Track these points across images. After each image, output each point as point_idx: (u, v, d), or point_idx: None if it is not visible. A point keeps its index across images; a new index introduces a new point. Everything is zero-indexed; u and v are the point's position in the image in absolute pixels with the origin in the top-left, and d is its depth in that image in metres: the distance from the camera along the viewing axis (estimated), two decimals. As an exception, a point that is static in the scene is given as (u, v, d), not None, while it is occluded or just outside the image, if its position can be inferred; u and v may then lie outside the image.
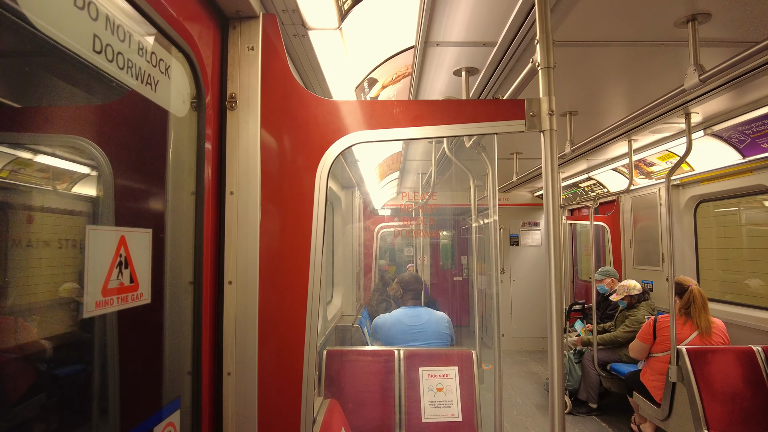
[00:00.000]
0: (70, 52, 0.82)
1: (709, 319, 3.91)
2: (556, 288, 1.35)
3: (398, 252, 8.07)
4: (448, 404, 3.00)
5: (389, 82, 2.67)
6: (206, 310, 1.33)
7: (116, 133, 1.03)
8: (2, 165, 0.81)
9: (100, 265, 0.91)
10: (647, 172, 5.29)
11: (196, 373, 1.30)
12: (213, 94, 1.37)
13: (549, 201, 1.38)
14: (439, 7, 1.97)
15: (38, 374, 0.89)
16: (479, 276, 3.36)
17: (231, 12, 1.42)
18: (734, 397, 3.35)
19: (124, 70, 0.96)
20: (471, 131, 1.43)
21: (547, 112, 1.37)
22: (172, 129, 1.22)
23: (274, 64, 1.48)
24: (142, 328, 1.14)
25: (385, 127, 1.44)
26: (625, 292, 5.21)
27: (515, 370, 7.01)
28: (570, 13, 2.00)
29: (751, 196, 4.55)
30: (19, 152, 0.84)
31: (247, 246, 1.40)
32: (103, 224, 1.03)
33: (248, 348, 1.40)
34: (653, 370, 4.10)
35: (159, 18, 1.07)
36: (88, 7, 0.84)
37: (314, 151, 1.46)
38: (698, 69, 2.14)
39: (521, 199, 8.46)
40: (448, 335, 3.55)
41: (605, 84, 2.99)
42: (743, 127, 3.63)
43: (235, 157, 1.42)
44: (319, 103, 1.48)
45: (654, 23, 2.13)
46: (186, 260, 1.27)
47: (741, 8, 2.00)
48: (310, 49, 1.89)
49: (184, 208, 1.28)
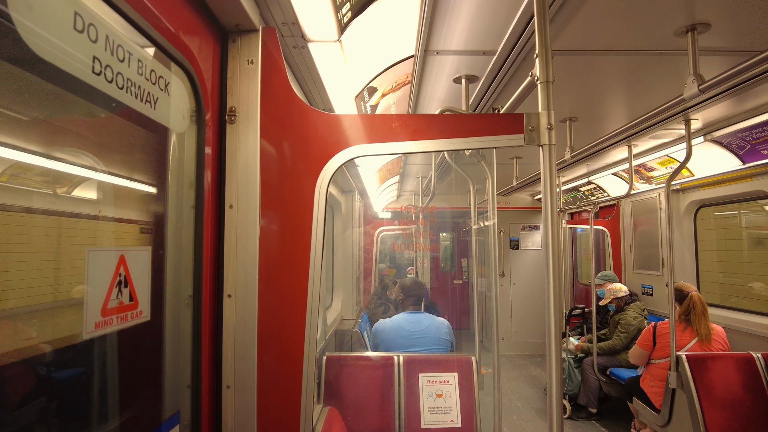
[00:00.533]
0: (69, 73, 0.82)
1: (709, 325, 3.91)
2: (555, 298, 1.36)
3: (398, 256, 8.06)
4: (448, 410, 3.00)
5: (389, 90, 2.68)
6: (206, 323, 1.33)
7: (116, 152, 1.03)
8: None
9: (100, 286, 0.91)
10: (647, 177, 5.30)
11: (195, 387, 1.30)
12: (212, 108, 1.38)
13: (548, 211, 1.38)
14: (439, 17, 1.97)
15: (38, 387, 0.89)
16: (479, 279, 3.36)
17: (230, 26, 1.42)
18: (734, 404, 3.35)
19: (124, 90, 0.96)
20: (470, 145, 1.44)
21: (546, 126, 1.37)
22: (172, 145, 1.23)
23: (274, 78, 1.48)
24: (141, 344, 1.15)
25: (385, 141, 1.45)
26: (612, 295, 5.28)
27: (515, 374, 7.01)
28: (570, 22, 2.01)
29: (751, 201, 4.56)
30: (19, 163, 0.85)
31: (246, 259, 1.40)
32: (102, 239, 1.03)
33: (248, 361, 1.40)
34: (653, 376, 4.10)
35: (158, 35, 1.07)
36: (87, 30, 0.84)
37: (314, 165, 1.46)
38: (698, 79, 2.14)
39: (521, 202, 8.46)
40: (449, 341, 3.55)
41: (605, 91, 3.00)
42: (743, 134, 3.63)
43: (235, 170, 1.42)
44: (318, 116, 1.49)
45: (654, 33, 2.13)
46: (185, 275, 1.27)
47: (740, 18, 2.00)
48: (310, 61, 1.90)
49: (183, 222, 1.28)
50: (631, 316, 5.12)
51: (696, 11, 1.94)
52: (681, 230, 5.21)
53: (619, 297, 5.27)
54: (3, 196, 0.84)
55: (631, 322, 5.08)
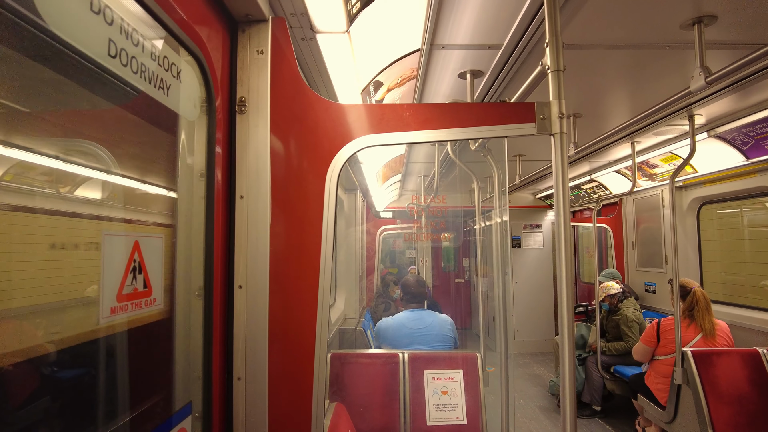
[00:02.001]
0: (86, 55, 0.82)
1: (713, 321, 3.90)
2: (568, 289, 1.35)
3: (400, 254, 8.04)
4: (453, 407, 2.99)
5: (394, 85, 2.67)
6: (216, 314, 1.32)
7: (128, 137, 1.02)
8: (5, 169, 0.80)
9: (116, 271, 0.90)
10: (650, 174, 5.29)
11: (206, 378, 1.29)
12: (222, 98, 1.37)
13: (560, 202, 1.38)
14: (445, 10, 1.97)
15: (49, 379, 0.88)
16: (482, 278, 3.36)
17: (240, 16, 1.42)
18: (740, 400, 3.34)
19: (138, 74, 0.95)
20: (481, 134, 1.43)
21: (558, 115, 1.37)
22: (183, 133, 1.22)
23: (283, 68, 1.47)
24: (153, 333, 1.14)
25: (395, 131, 1.44)
26: (604, 292, 5.28)
27: (518, 373, 7.00)
28: (575, 16, 2.00)
29: (755, 198, 4.55)
30: (28, 155, 0.84)
31: (257, 250, 1.39)
32: (114, 229, 1.03)
33: (258, 352, 1.39)
34: (658, 373, 4.09)
35: (170, 21, 1.06)
36: (103, 12, 0.84)
37: (324, 155, 1.46)
38: (705, 71, 2.14)
39: (523, 201, 8.45)
40: (452, 338, 3.54)
41: (609, 86, 2.99)
42: (747, 129, 3.63)
43: (245, 160, 1.41)
44: (328, 106, 1.48)
45: (659, 26, 2.13)
46: (197, 265, 1.27)
47: (747, 10, 2.00)
48: (318, 53, 1.89)
49: (194, 212, 1.27)
50: (629, 312, 5.13)
51: (703, 3, 1.94)
52: (684, 227, 5.21)
53: (612, 294, 5.27)
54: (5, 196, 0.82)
55: (630, 317, 5.10)
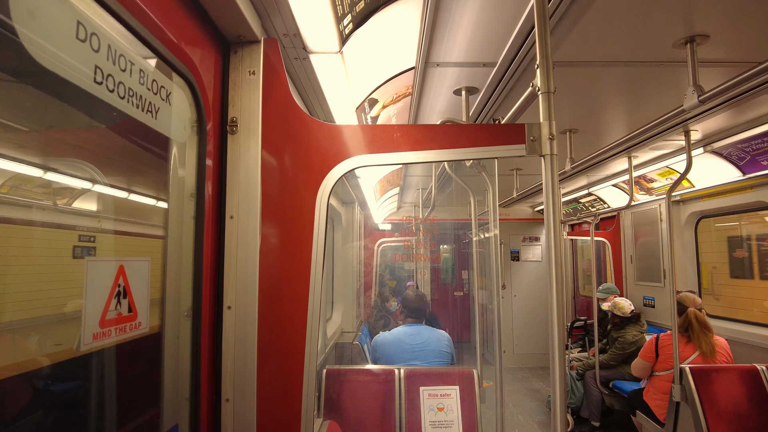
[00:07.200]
0: (71, 83, 0.82)
1: (711, 341, 3.83)
2: (558, 309, 1.34)
3: (398, 268, 8.01)
4: (449, 424, 2.96)
5: (389, 102, 2.68)
6: (205, 335, 1.32)
7: (117, 161, 1.02)
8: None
9: (98, 297, 0.90)
10: (648, 188, 5.30)
11: (194, 400, 1.28)
12: (214, 119, 1.37)
13: (550, 223, 1.37)
14: (439, 29, 1.99)
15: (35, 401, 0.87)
16: (480, 291, 3.34)
17: (232, 37, 1.43)
18: (739, 417, 3.30)
19: (125, 100, 0.96)
20: (471, 155, 1.43)
21: (548, 136, 1.37)
22: (173, 154, 1.22)
23: (276, 89, 1.48)
24: (140, 356, 1.13)
25: (386, 152, 1.44)
26: (612, 306, 5.18)
27: (517, 387, 6.94)
28: (569, 34, 2.02)
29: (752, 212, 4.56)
30: (20, 172, 0.84)
31: (246, 271, 1.39)
32: (101, 250, 1.02)
33: (247, 373, 1.38)
34: (656, 389, 4.05)
35: (160, 45, 1.07)
36: (90, 39, 0.84)
37: (315, 175, 1.46)
38: (697, 90, 2.15)
39: (521, 213, 8.45)
40: (449, 354, 3.52)
41: (605, 103, 3.01)
42: (743, 145, 3.64)
43: (236, 181, 1.41)
44: (320, 127, 1.49)
45: (653, 44, 2.14)
46: (185, 286, 1.26)
47: (739, 29, 2.02)
48: (311, 72, 1.90)
49: (184, 232, 1.27)
50: (630, 335, 5.04)
51: (695, 23, 1.95)
52: (682, 241, 5.20)
53: (615, 314, 5.18)
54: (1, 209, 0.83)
55: (629, 340, 5.01)
